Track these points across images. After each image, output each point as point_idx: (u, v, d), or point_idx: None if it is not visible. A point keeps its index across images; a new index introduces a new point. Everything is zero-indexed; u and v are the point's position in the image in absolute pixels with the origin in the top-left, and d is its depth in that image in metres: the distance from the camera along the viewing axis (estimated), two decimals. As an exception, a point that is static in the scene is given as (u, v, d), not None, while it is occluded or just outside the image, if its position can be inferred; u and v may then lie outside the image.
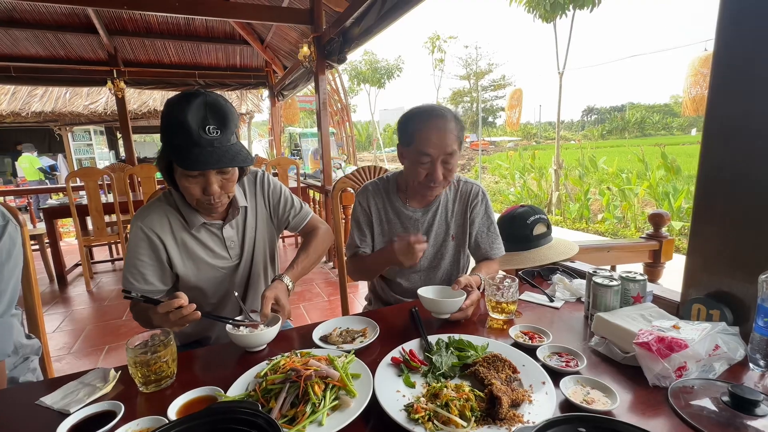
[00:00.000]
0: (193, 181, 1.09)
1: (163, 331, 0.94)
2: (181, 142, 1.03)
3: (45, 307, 3.54)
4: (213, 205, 1.14)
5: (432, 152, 1.25)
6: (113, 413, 0.78)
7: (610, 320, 0.96)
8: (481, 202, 1.45)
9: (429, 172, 1.28)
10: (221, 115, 1.06)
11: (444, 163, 1.27)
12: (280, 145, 8.35)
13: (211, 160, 1.04)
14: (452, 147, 1.25)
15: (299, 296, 3.62)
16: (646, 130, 41.07)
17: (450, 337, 0.99)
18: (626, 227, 6.27)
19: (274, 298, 1.14)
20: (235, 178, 1.17)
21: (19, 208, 6.00)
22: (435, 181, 1.28)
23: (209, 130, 1.03)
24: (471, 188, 1.46)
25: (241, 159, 1.09)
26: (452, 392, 0.76)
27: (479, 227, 1.45)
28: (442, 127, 1.25)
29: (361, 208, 1.47)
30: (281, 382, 0.79)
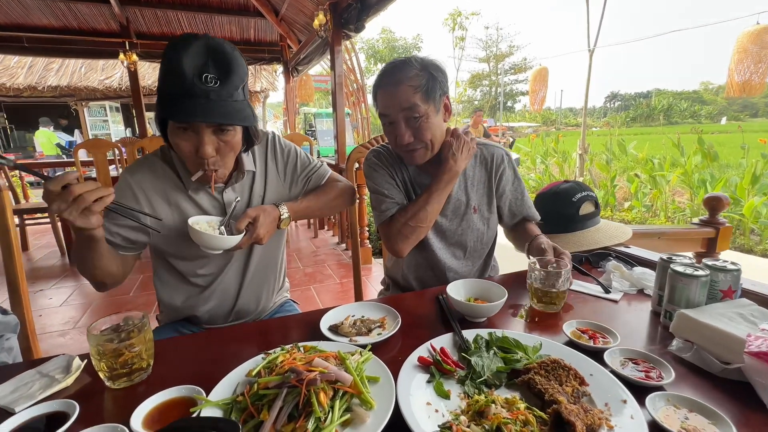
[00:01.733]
0: (184, 136, 0.91)
1: (137, 315, 0.77)
2: (173, 90, 0.86)
3: (54, 280, 3.49)
4: (207, 173, 0.96)
5: (387, 111, 1.09)
6: (65, 416, 0.62)
7: (700, 320, 0.75)
8: (508, 166, 1.27)
9: (396, 134, 1.11)
10: (225, 63, 0.87)
11: (408, 120, 1.08)
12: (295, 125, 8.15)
13: (200, 111, 0.86)
14: (409, 101, 1.05)
15: (309, 277, 3.47)
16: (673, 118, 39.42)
17: (491, 333, 0.79)
18: (655, 216, 5.91)
19: (254, 217, 1.01)
20: (236, 142, 0.97)
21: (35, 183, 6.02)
22: (401, 144, 1.11)
23: (206, 79, 0.85)
24: (493, 153, 1.27)
25: (241, 117, 0.90)
26: (503, 410, 0.57)
27: (512, 195, 1.28)
28: (395, 80, 1.06)
29: (377, 165, 1.25)
30: (276, 387, 0.61)
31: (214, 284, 1.13)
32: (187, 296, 1.14)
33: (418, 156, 1.15)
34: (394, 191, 1.22)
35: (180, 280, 1.13)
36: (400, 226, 1.16)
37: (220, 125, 0.91)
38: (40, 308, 2.95)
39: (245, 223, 1.00)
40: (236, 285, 1.17)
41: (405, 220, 1.15)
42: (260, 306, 1.23)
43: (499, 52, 33.69)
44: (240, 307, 1.18)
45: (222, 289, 1.15)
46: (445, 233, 1.26)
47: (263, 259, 1.20)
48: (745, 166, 5.87)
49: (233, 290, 1.17)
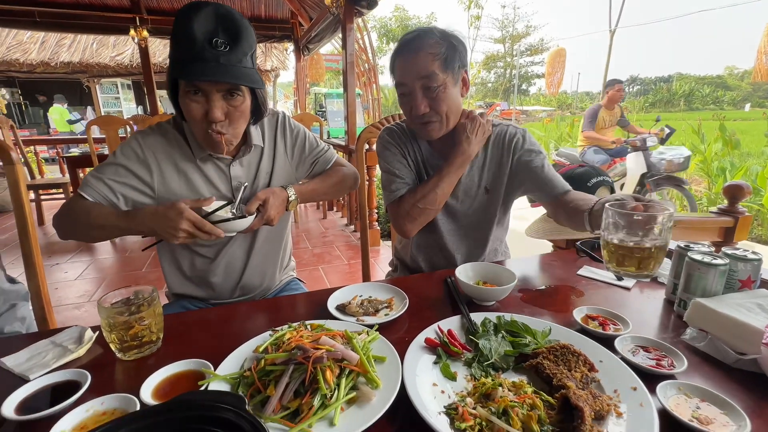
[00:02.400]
0: (194, 98, 0.93)
1: (147, 289, 0.77)
2: (184, 55, 0.89)
3: (69, 255, 3.57)
4: (216, 138, 0.96)
5: (404, 80, 1.06)
6: (77, 385, 0.63)
7: (716, 309, 0.72)
8: (523, 139, 1.19)
9: (412, 104, 1.07)
10: (233, 29, 0.90)
11: (425, 90, 1.05)
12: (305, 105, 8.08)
13: (210, 72, 0.88)
14: (427, 69, 1.03)
15: (318, 257, 3.49)
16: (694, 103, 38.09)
17: (499, 317, 0.78)
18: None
19: (264, 199, 1.03)
20: (245, 108, 0.98)
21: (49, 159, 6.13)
22: (417, 114, 1.07)
23: (216, 44, 0.88)
24: (506, 130, 1.21)
25: (250, 80, 0.93)
26: (510, 394, 0.56)
27: (538, 165, 1.16)
28: (414, 47, 1.04)
29: (389, 143, 1.23)
30: (283, 363, 0.61)
31: (219, 257, 1.14)
32: (193, 269, 1.16)
33: (432, 129, 1.11)
34: (405, 171, 1.20)
35: (186, 253, 1.14)
36: (408, 207, 1.14)
37: (229, 90, 0.93)
38: (56, 281, 3.03)
39: (256, 205, 1.01)
40: (242, 259, 1.18)
41: (414, 201, 1.13)
42: (265, 282, 1.24)
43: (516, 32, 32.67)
44: (245, 281, 1.19)
45: (227, 262, 1.16)
46: (456, 215, 1.24)
47: (269, 236, 1.21)
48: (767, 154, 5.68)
49: (239, 264, 1.18)
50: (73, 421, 0.56)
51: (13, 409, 0.58)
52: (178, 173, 1.05)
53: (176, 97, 0.97)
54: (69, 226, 0.99)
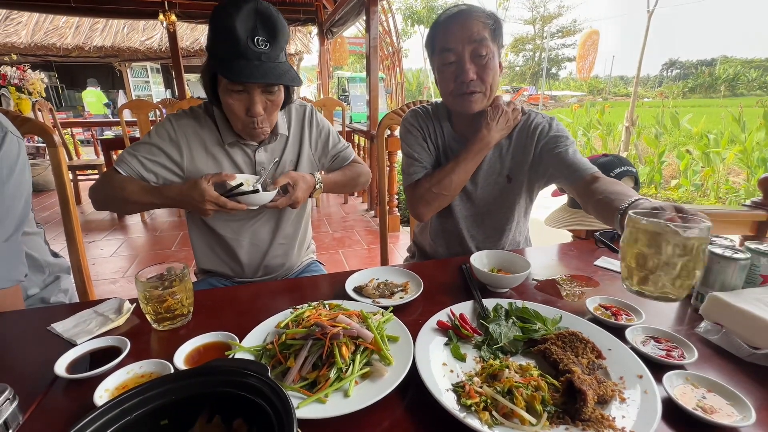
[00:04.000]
0: (237, 97, 1.00)
1: (179, 266, 0.83)
2: (227, 52, 0.94)
3: (104, 233, 3.77)
4: (256, 130, 1.05)
5: (453, 45, 1.03)
6: (118, 350, 0.69)
7: (732, 303, 0.72)
8: (549, 127, 1.15)
9: (458, 72, 1.05)
10: (272, 27, 0.95)
11: (475, 57, 1.04)
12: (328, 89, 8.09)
13: (257, 73, 0.94)
14: (479, 33, 1.02)
15: (338, 241, 3.56)
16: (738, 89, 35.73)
17: (511, 303, 0.80)
18: (704, 196, 5.53)
19: (295, 180, 1.11)
20: (280, 100, 1.06)
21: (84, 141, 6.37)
22: (465, 81, 1.04)
23: (258, 42, 0.94)
24: (534, 119, 1.19)
25: (290, 78, 0.99)
26: (516, 375, 0.59)
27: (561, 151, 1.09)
28: (464, 15, 1.04)
29: (412, 127, 1.24)
30: (303, 338, 0.65)
31: (244, 235, 1.21)
32: (221, 245, 1.23)
33: (475, 100, 1.08)
34: (425, 155, 1.21)
35: (214, 230, 1.20)
36: (423, 191, 1.15)
37: (268, 86, 0.99)
38: (93, 257, 3.22)
39: (284, 182, 1.09)
40: (267, 239, 1.25)
41: (429, 185, 1.14)
42: (287, 262, 1.30)
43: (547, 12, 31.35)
44: (269, 261, 1.26)
45: (252, 241, 1.22)
46: (474, 201, 1.24)
47: (292, 218, 1.28)
48: (815, 144, 5.33)
49: (264, 243, 1.25)
50: (116, 381, 0.62)
51: (64, 369, 0.64)
52: (207, 155, 1.12)
53: (213, 88, 1.03)
54: (104, 197, 1.08)
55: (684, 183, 5.61)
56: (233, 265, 1.25)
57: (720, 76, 37.05)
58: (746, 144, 5.34)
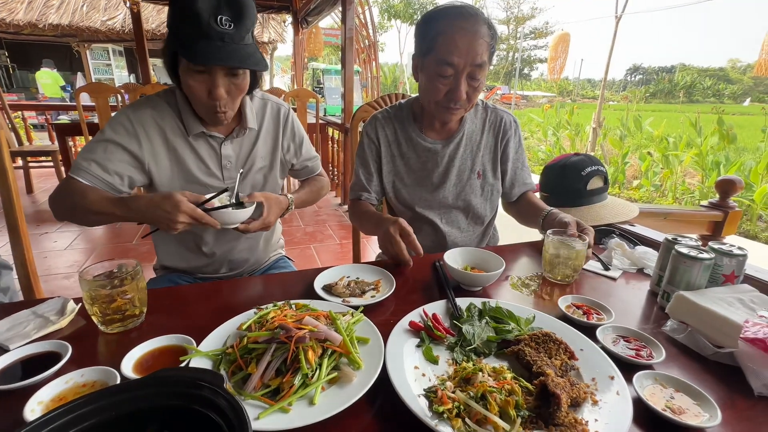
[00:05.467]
0: (198, 78, 0.93)
1: (131, 262, 0.76)
2: (188, 32, 0.88)
3: (59, 224, 3.53)
4: (217, 114, 0.98)
5: (456, 61, 1.00)
6: (58, 356, 0.63)
7: (698, 303, 0.73)
8: (515, 133, 1.26)
9: (451, 88, 1.04)
10: (237, 7, 0.89)
11: (470, 78, 1.04)
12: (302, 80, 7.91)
13: (220, 54, 0.88)
14: (482, 57, 1.01)
15: (309, 236, 3.49)
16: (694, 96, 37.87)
17: (485, 303, 0.78)
18: (662, 197, 5.82)
19: (267, 200, 1.05)
20: (245, 85, 0.99)
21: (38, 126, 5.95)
22: (456, 100, 1.05)
23: (221, 21, 0.87)
24: (502, 118, 1.25)
25: (254, 61, 0.93)
26: (489, 379, 0.57)
27: (514, 162, 1.27)
28: (472, 30, 1.00)
29: (369, 140, 1.25)
30: (266, 342, 0.61)
31: (208, 230, 1.14)
32: (185, 237, 1.15)
33: (456, 116, 1.13)
34: (374, 172, 1.26)
35: None
36: (354, 212, 1.26)
37: (231, 68, 0.93)
38: (45, 250, 3.01)
39: (260, 199, 1.03)
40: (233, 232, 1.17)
41: (357, 214, 1.24)
42: (254, 257, 1.24)
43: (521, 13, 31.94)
44: (234, 255, 1.19)
45: (217, 236, 1.16)
46: (447, 199, 1.24)
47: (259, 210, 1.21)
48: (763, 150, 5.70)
49: (229, 238, 1.18)
50: (52, 392, 0.56)
51: (-9, 379, 0.57)
52: (168, 149, 1.04)
53: (174, 67, 0.96)
54: (65, 209, 0.96)
55: (645, 183, 5.87)
56: (196, 260, 1.18)
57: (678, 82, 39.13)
58: (702, 147, 5.64)
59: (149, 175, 1.03)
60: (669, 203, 5.58)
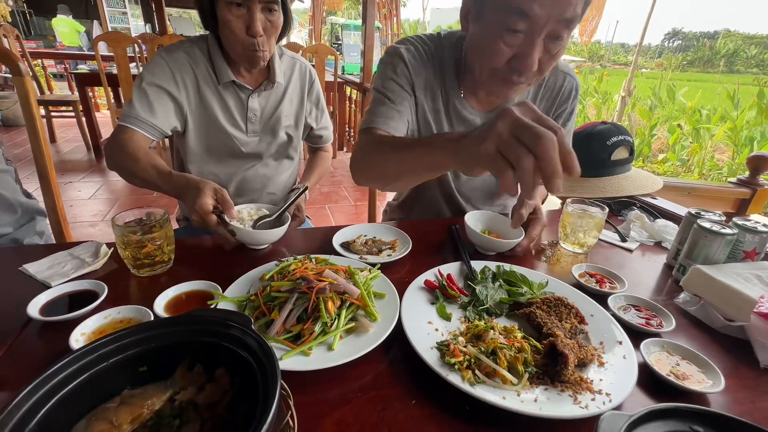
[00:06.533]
0: (237, 12, 0.94)
1: (159, 211, 0.79)
2: None
3: (81, 174, 3.63)
4: (257, 53, 0.99)
5: (537, 13, 0.67)
6: (95, 294, 0.67)
7: (714, 276, 0.73)
8: (571, 102, 1.04)
9: (519, 52, 0.73)
10: None
11: (551, 39, 0.72)
12: (320, 35, 7.65)
13: None
14: (575, 9, 0.68)
15: (325, 197, 3.52)
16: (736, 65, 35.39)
17: (499, 266, 0.80)
18: (688, 172, 5.62)
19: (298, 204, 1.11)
20: (279, 23, 1.01)
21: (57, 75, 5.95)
22: (524, 70, 0.74)
23: None
24: (564, 81, 1.00)
25: None
26: (500, 337, 0.59)
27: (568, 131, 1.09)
28: None
29: (400, 62, 0.90)
30: (288, 291, 0.64)
31: (230, 184, 1.18)
32: None
33: (518, 91, 0.83)
34: (400, 104, 0.89)
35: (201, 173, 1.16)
36: (366, 155, 0.83)
37: (267, 4, 0.95)
38: (70, 199, 3.12)
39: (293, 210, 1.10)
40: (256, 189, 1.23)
41: (371, 154, 0.81)
42: None
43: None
44: None
45: (239, 190, 1.20)
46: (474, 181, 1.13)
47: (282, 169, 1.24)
48: (803, 126, 5.39)
49: (251, 194, 1.22)
50: (93, 325, 0.60)
51: (37, 311, 0.62)
52: (199, 95, 1.06)
53: (210, 8, 0.97)
54: (114, 163, 1.00)
55: (671, 157, 5.66)
56: None
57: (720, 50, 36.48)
58: (737, 122, 5.36)
59: (185, 120, 1.06)
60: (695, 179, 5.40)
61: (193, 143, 1.10)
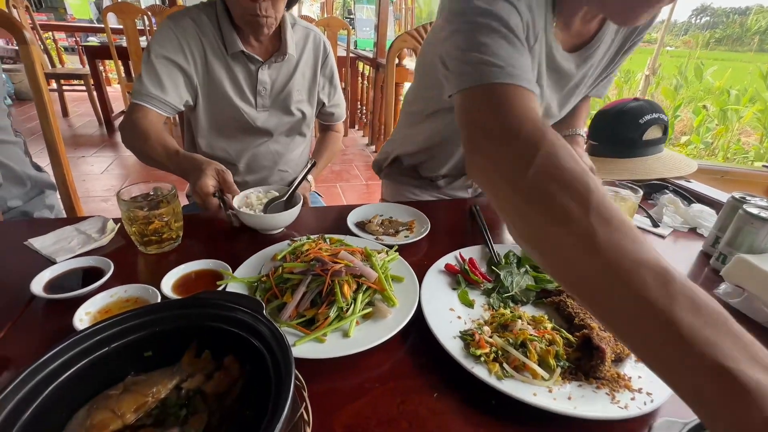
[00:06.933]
0: None
1: (166, 186, 0.76)
2: None
3: (94, 149, 3.63)
4: (259, 18, 0.91)
5: None
6: (101, 271, 0.64)
7: (761, 267, 0.67)
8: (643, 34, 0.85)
9: None
10: None
11: None
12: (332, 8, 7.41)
13: None
14: None
15: (336, 175, 3.47)
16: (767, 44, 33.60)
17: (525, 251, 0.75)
18: (712, 155, 5.40)
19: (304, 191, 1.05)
20: None
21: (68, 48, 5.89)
22: None
23: None
24: None
25: None
26: (529, 327, 0.55)
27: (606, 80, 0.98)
28: None
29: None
30: (301, 273, 0.60)
31: (241, 161, 1.14)
32: None
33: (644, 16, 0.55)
34: (522, 36, 0.57)
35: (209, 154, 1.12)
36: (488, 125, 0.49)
37: None
38: (83, 174, 3.12)
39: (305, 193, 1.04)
40: (266, 165, 1.18)
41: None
42: None
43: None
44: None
45: (249, 167, 1.16)
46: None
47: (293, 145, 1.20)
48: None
49: (262, 171, 1.18)
50: (99, 304, 0.58)
51: (41, 287, 0.60)
52: (206, 66, 1.00)
53: None
54: (128, 143, 0.97)
55: (695, 140, 5.44)
56: None
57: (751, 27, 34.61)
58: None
59: (195, 92, 1.01)
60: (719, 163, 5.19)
61: (202, 117, 1.05)
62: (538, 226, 0.41)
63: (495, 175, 0.45)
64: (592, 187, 0.39)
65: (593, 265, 0.35)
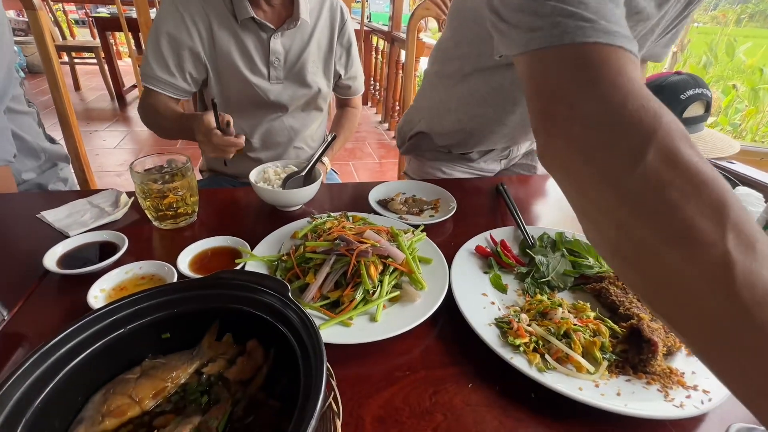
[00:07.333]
0: None
1: (181, 158, 0.72)
2: None
3: (107, 123, 3.61)
4: None
5: None
6: (115, 247, 0.62)
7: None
8: None
9: None
10: None
11: None
12: (345, -22, 7.14)
13: None
14: None
15: (349, 152, 3.41)
16: (803, 19, 31.71)
17: (560, 234, 0.70)
18: (739, 138, 5.19)
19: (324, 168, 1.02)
20: None
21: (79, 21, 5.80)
22: None
23: None
24: None
25: None
26: (570, 316, 0.51)
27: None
28: None
29: None
30: (324, 252, 0.57)
31: (255, 135, 1.09)
32: None
33: None
34: None
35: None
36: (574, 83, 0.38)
37: None
38: (96, 148, 3.12)
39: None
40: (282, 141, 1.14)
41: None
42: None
43: None
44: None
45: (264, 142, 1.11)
46: None
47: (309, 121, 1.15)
48: None
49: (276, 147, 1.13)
50: (113, 281, 0.55)
51: (54, 262, 0.57)
52: (213, 40, 0.94)
53: None
54: (147, 122, 1.00)
55: (722, 121, 5.20)
56: (242, 166, 1.13)
57: (787, 2, 32.62)
58: (804, 83, 4.82)
59: (205, 67, 0.97)
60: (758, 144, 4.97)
61: (214, 92, 1.00)
62: (646, 244, 0.30)
63: (585, 169, 0.34)
64: (728, 200, 0.28)
65: (722, 306, 0.26)
